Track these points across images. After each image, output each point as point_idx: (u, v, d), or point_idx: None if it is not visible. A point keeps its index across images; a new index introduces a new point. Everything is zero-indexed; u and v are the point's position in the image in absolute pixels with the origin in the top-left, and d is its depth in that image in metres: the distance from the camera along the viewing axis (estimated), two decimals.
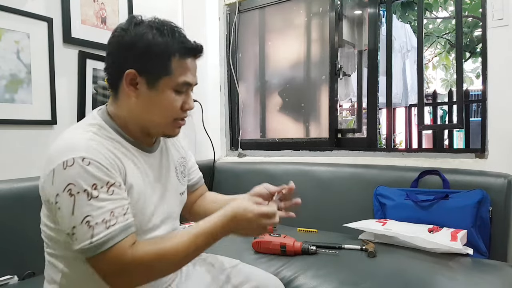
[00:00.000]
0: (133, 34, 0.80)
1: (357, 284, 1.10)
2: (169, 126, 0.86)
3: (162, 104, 0.82)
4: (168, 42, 0.79)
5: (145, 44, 0.78)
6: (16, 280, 1.20)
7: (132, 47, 0.79)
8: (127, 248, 0.71)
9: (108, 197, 0.72)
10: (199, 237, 0.77)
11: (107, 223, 0.70)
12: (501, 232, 1.38)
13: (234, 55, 2.32)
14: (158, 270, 0.75)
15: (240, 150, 2.29)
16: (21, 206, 1.26)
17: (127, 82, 0.80)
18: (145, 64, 0.79)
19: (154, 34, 0.79)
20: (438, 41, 5.97)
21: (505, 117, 1.49)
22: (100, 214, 0.70)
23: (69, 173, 0.70)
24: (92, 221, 0.69)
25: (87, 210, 0.69)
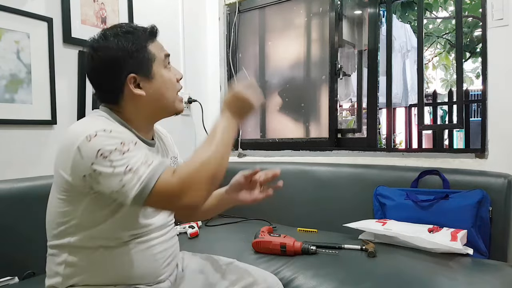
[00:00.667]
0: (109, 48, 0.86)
1: (357, 284, 1.10)
2: (177, 102, 0.94)
3: (166, 83, 0.91)
4: (138, 35, 0.88)
5: (127, 49, 0.86)
6: (16, 280, 1.20)
7: (117, 58, 0.86)
8: (171, 174, 0.75)
9: (138, 147, 0.78)
10: (219, 134, 0.82)
11: (146, 163, 0.75)
12: (501, 232, 1.38)
13: (234, 55, 2.32)
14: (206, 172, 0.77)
15: (240, 150, 2.29)
16: (21, 206, 1.26)
17: (133, 86, 0.87)
18: (136, 64, 0.87)
19: (125, 37, 0.87)
20: (438, 41, 5.97)
21: (505, 117, 1.49)
22: (137, 161, 0.75)
23: (95, 142, 0.75)
24: (134, 167, 0.74)
25: (124, 162, 0.74)
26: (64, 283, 0.84)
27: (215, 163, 0.78)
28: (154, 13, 2.01)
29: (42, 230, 0.90)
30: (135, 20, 1.86)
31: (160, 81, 0.90)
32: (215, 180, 0.79)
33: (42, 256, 0.91)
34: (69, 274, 0.84)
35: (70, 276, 0.84)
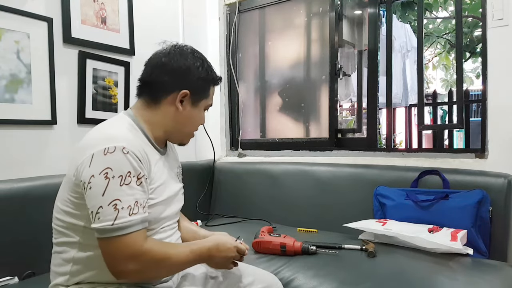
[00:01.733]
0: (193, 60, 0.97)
1: (357, 284, 1.10)
2: (190, 136, 1.04)
3: (195, 119, 1.01)
4: (211, 74, 1.01)
5: (199, 74, 0.97)
6: (16, 280, 1.19)
7: (187, 73, 0.96)
8: (141, 240, 0.79)
9: (136, 187, 0.80)
10: (192, 254, 0.88)
11: (131, 211, 0.77)
12: (501, 232, 1.38)
13: (234, 55, 2.32)
14: (160, 269, 0.83)
15: (240, 150, 2.29)
16: (21, 206, 1.26)
17: (179, 99, 0.95)
18: (197, 89, 0.97)
19: (203, 65, 0.99)
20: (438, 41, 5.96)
21: (505, 117, 1.49)
22: (127, 201, 0.77)
23: (109, 158, 0.78)
24: (119, 205, 0.76)
25: (117, 194, 0.77)
26: (71, 280, 0.85)
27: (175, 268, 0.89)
28: (154, 13, 2.01)
29: (42, 230, 0.90)
30: (135, 20, 1.86)
31: (195, 114, 1.00)
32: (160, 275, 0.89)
33: (42, 256, 0.91)
34: (76, 271, 0.85)
35: (77, 274, 0.85)
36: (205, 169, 2.11)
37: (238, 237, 1.03)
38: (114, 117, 0.95)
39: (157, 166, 0.93)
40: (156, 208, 0.90)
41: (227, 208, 2.02)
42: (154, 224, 0.90)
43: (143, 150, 0.87)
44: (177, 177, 1.06)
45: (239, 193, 2.03)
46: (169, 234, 0.96)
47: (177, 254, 0.85)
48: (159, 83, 0.95)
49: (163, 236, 0.94)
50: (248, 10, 2.29)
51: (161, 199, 0.92)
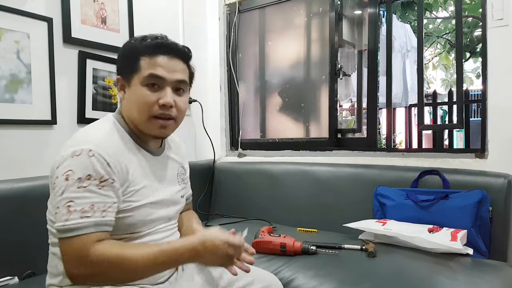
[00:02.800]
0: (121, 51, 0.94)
1: (357, 284, 1.10)
2: (148, 123, 0.90)
3: (135, 99, 0.89)
4: (137, 45, 0.90)
5: (122, 52, 0.93)
6: (16, 281, 1.19)
7: (118, 56, 0.95)
8: (90, 243, 0.75)
9: (96, 191, 0.78)
10: (162, 253, 0.79)
11: (83, 214, 0.76)
12: (501, 232, 1.38)
13: (234, 55, 2.32)
14: (113, 274, 0.77)
15: (240, 150, 2.29)
16: (21, 206, 1.26)
17: (118, 87, 0.93)
18: (122, 67, 0.92)
19: (129, 41, 0.93)
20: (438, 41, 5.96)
21: (505, 117, 1.49)
22: (81, 203, 0.76)
23: (73, 161, 0.78)
24: (72, 207, 0.75)
25: (72, 195, 0.76)
26: (64, 281, 0.84)
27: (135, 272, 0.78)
28: (154, 13, 2.01)
29: (42, 230, 0.90)
30: (135, 20, 1.86)
31: (133, 94, 0.90)
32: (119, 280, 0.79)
33: (42, 256, 0.91)
34: None
35: None
36: (205, 169, 2.11)
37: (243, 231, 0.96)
38: (102, 118, 0.94)
39: (141, 168, 0.90)
40: (142, 210, 0.88)
41: (227, 208, 2.02)
42: (142, 226, 0.89)
43: (119, 153, 0.85)
44: (176, 178, 1.04)
45: (239, 193, 2.03)
46: (165, 236, 0.95)
47: (135, 256, 0.77)
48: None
49: (158, 237, 0.92)
50: (248, 10, 2.29)
51: (147, 201, 0.89)
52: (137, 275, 0.80)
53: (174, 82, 0.91)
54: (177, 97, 0.92)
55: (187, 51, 0.95)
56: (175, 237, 1.01)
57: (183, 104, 0.94)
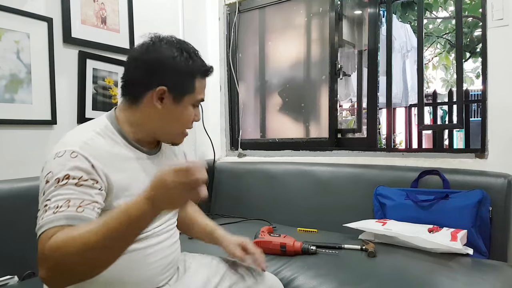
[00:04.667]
0: (167, 53, 0.87)
1: (357, 284, 1.10)
2: (178, 135, 0.95)
3: (183, 117, 0.91)
4: (194, 64, 0.90)
5: (176, 66, 0.87)
6: (16, 280, 1.20)
7: (162, 67, 0.87)
8: (51, 234, 0.67)
9: (74, 188, 0.73)
10: (112, 218, 0.66)
11: (56, 209, 0.70)
12: (501, 232, 1.38)
13: (234, 55, 2.32)
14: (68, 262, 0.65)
15: (240, 150, 2.29)
16: (21, 206, 1.26)
17: (156, 97, 0.87)
18: (175, 83, 0.88)
19: (181, 56, 0.88)
20: (438, 41, 5.97)
21: (505, 117, 1.49)
22: (57, 200, 0.72)
23: (55, 162, 0.76)
24: (48, 205, 0.72)
25: (50, 195, 0.72)
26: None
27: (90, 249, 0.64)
28: (154, 13, 2.01)
29: None
30: (135, 20, 1.86)
31: (180, 111, 0.90)
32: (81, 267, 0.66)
33: None
34: None
35: None
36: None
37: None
38: (95, 119, 0.92)
39: (135, 171, 0.87)
40: None
41: (227, 208, 2.02)
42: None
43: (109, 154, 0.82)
44: None
45: (239, 193, 2.03)
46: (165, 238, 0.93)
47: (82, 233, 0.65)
48: (135, 80, 0.89)
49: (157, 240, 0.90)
50: (248, 10, 2.29)
51: None
52: (96, 254, 0.65)
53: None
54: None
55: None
56: (174, 239, 0.99)
57: None
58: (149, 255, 0.88)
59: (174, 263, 0.97)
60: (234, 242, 1.07)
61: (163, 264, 0.91)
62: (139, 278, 0.87)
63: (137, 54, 0.89)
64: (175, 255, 0.97)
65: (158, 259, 0.90)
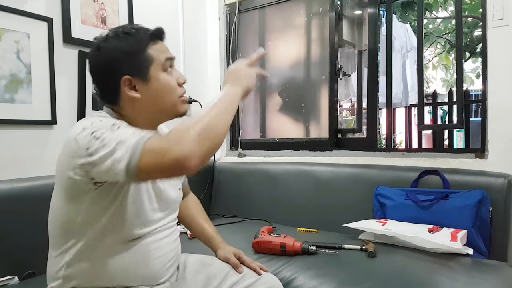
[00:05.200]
0: (109, 49, 0.87)
1: (357, 284, 1.10)
2: (178, 105, 0.92)
3: (163, 87, 0.89)
4: (135, 37, 0.88)
5: (124, 51, 0.86)
6: (16, 280, 1.19)
7: (114, 59, 0.87)
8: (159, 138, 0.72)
9: (129, 128, 0.76)
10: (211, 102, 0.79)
11: (135, 134, 0.72)
12: (501, 232, 1.38)
13: (234, 55, 2.32)
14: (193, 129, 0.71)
15: (240, 150, 2.29)
16: (21, 206, 1.26)
17: (127, 88, 0.86)
18: (132, 66, 0.86)
19: (124, 38, 0.87)
20: (438, 41, 5.97)
21: (505, 117, 1.49)
22: (126, 133, 0.73)
23: (88, 130, 0.75)
24: (123, 139, 0.71)
25: (115, 137, 0.72)
26: (64, 285, 0.84)
27: (207, 120, 0.74)
28: (154, 13, 2.01)
29: (42, 230, 0.90)
30: (135, 20, 1.86)
31: (157, 85, 0.88)
32: (208, 133, 0.73)
33: (42, 256, 0.91)
34: (69, 276, 0.84)
35: (70, 279, 0.84)
36: (205, 169, 2.11)
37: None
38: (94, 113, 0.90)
39: None
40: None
41: (227, 208, 2.02)
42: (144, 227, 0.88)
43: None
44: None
45: (239, 193, 2.03)
46: (166, 234, 0.94)
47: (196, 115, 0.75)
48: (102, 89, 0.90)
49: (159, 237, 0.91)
50: (248, 10, 2.29)
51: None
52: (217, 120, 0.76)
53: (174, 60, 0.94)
54: None
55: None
56: (175, 235, 1.00)
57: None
58: (152, 250, 0.89)
59: (175, 260, 0.98)
60: (229, 250, 1.11)
61: (165, 260, 0.92)
62: (143, 273, 0.88)
63: (91, 64, 0.90)
64: (176, 252, 0.99)
65: (161, 255, 0.91)
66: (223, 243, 1.14)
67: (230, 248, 1.12)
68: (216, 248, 1.13)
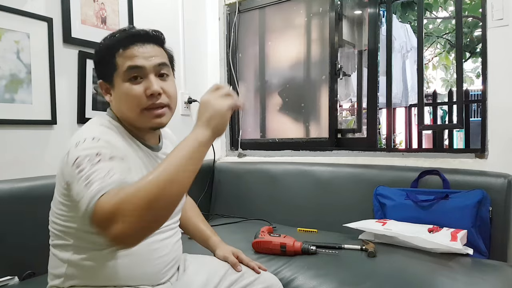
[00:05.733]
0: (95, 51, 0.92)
1: (357, 284, 1.10)
2: (141, 117, 0.87)
3: (123, 97, 0.87)
4: (108, 43, 0.88)
5: (96, 56, 0.92)
6: (16, 280, 1.19)
7: (95, 62, 0.94)
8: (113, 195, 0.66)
9: (108, 162, 0.73)
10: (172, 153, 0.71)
11: (103, 178, 0.69)
12: (501, 232, 1.38)
13: (234, 55, 2.32)
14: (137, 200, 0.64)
15: (240, 150, 2.29)
16: (21, 206, 1.26)
17: (103, 92, 0.92)
18: (100, 71, 0.91)
19: (104, 41, 0.89)
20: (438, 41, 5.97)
21: (505, 117, 1.49)
22: (99, 173, 0.70)
23: (79, 148, 0.75)
24: (91, 180, 0.69)
25: (89, 173, 0.70)
26: (66, 283, 0.84)
27: (156, 186, 0.65)
28: (154, 13, 2.01)
29: (42, 230, 0.90)
30: (135, 21, 1.86)
31: (118, 93, 0.87)
32: (156, 206, 0.65)
33: (42, 256, 0.91)
34: (71, 274, 0.84)
35: (71, 277, 0.84)
36: (205, 169, 2.11)
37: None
38: (96, 117, 0.91)
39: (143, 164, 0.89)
40: None
41: (227, 208, 2.02)
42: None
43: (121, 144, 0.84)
44: None
45: (239, 193, 2.03)
46: (168, 235, 0.95)
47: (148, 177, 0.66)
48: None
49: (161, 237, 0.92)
50: (248, 10, 2.29)
51: None
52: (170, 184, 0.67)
53: (155, 67, 0.86)
54: (163, 83, 0.88)
55: (159, 34, 0.91)
56: (177, 237, 1.00)
57: (172, 89, 0.90)
58: (154, 250, 0.89)
59: (176, 261, 0.98)
60: (228, 250, 1.11)
61: (167, 260, 0.93)
62: (144, 274, 0.88)
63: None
64: (178, 253, 0.99)
65: (162, 255, 0.91)
66: (221, 242, 1.15)
67: (228, 247, 1.12)
68: (215, 248, 1.13)
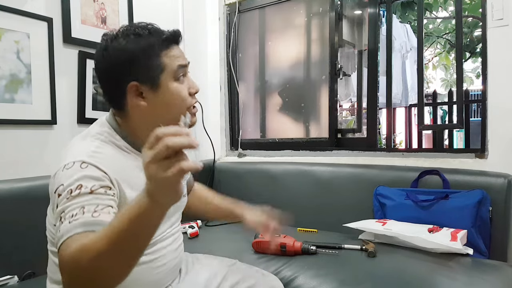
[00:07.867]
0: (116, 50, 0.80)
1: (357, 284, 1.10)
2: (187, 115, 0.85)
3: (172, 97, 0.82)
4: (150, 41, 0.81)
5: (133, 54, 0.79)
6: (16, 280, 1.20)
7: (122, 62, 0.80)
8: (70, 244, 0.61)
9: (87, 195, 0.68)
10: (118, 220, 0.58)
11: (72, 218, 0.65)
12: (501, 232, 1.38)
13: (234, 55, 2.32)
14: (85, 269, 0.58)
15: (240, 150, 2.29)
16: (21, 206, 1.26)
17: (133, 95, 0.81)
18: (141, 72, 0.80)
19: (134, 40, 0.80)
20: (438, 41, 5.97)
21: (505, 117, 1.49)
22: (71, 210, 0.66)
23: (64, 174, 0.71)
24: (63, 216, 0.66)
25: (64, 206, 0.67)
26: None
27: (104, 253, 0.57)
28: (154, 13, 2.01)
29: (42, 230, 0.90)
30: (135, 20, 1.85)
31: (167, 94, 0.82)
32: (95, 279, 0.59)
33: (42, 256, 0.91)
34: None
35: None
36: (205, 169, 2.11)
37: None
38: (95, 123, 0.87)
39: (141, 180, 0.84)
40: None
41: None
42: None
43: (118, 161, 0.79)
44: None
45: (239, 193, 2.01)
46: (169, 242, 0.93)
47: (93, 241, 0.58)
48: (107, 91, 0.84)
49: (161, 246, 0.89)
50: (248, 10, 2.29)
51: None
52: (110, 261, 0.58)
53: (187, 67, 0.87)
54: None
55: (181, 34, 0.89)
56: (178, 242, 0.98)
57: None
58: (154, 260, 0.87)
59: (177, 266, 0.97)
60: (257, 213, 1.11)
61: (168, 268, 0.91)
62: (144, 283, 0.86)
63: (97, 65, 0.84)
64: (179, 259, 0.97)
65: (164, 264, 0.89)
66: (247, 208, 1.13)
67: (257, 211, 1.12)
68: (243, 216, 1.11)
